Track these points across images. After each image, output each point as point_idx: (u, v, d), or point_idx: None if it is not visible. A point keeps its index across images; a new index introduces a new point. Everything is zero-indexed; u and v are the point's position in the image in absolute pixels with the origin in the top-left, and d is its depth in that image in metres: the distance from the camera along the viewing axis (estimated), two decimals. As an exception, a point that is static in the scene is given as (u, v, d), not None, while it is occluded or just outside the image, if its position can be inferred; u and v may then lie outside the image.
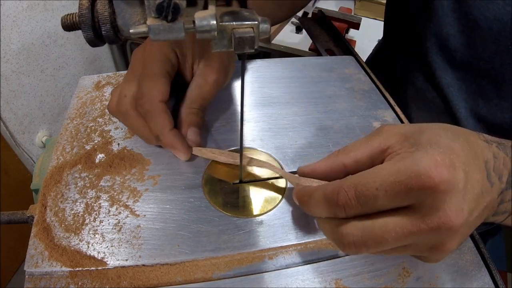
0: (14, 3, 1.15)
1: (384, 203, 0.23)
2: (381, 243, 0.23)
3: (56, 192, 0.34)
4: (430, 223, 0.22)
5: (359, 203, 0.24)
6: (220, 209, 0.33)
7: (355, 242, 0.24)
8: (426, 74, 0.51)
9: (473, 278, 0.31)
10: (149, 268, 0.30)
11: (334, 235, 0.25)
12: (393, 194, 0.23)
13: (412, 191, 0.22)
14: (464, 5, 0.43)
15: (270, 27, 0.24)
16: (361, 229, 0.24)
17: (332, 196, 0.25)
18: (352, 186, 0.24)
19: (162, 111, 0.35)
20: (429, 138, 0.25)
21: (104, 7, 0.24)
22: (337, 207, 0.24)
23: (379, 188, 0.23)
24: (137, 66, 0.37)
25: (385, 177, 0.23)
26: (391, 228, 0.23)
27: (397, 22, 0.57)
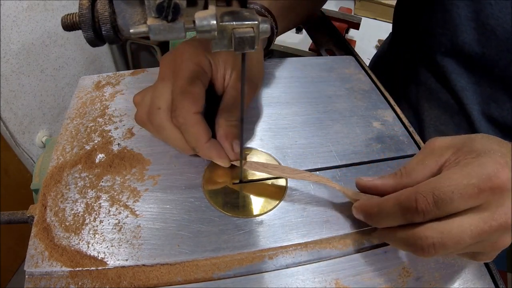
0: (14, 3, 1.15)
1: (459, 205, 0.25)
2: (459, 243, 0.25)
3: (56, 192, 0.34)
4: (498, 219, 0.25)
5: (436, 207, 0.25)
6: (220, 209, 0.33)
7: (434, 244, 0.25)
8: (439, 76, 0.51)
9: (473, 278, 0.31)
10: (149, 268, 0.30)
11: (410, 241, 0.26)
12: (467, 196, 0.24)
13: (484, 192, 0.24)
14: (482, 15, 0.43)
15: (271, 27, 0.24)
16: (440, 231, 0.25)
17: (409, 203, 0.26)
18: (430, 191, 0.25)
19: (197, 123, 0.33)
20: (482, 145, 0.27)
21: (104, 7, 0.24)
22: (415, 213, 0.26)
23: (455, 192, 0.25)
24: (168, 75, 0.35)
25: (458, 181, 0.25)
26: (467, 227, 0.25)
27: (407, 24, 0.57)
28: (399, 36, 0.60)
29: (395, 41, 0.62)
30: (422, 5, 0.51)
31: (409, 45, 0.57)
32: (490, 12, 0.42)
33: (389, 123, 0.43)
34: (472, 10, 0.44)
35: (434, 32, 0.49)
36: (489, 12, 0.42)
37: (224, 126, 0.35)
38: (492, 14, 0.42)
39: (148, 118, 0.35)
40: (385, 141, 0.41)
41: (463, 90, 0.49)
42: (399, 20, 0.60)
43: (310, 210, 0.34)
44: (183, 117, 0.33)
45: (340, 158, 0.38)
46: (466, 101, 0.49)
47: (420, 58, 0.54)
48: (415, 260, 0.31)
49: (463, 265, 0.31)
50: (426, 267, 0.31)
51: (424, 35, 0.51)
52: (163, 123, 0.34)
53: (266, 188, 0.35)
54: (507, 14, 0.41)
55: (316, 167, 0.37)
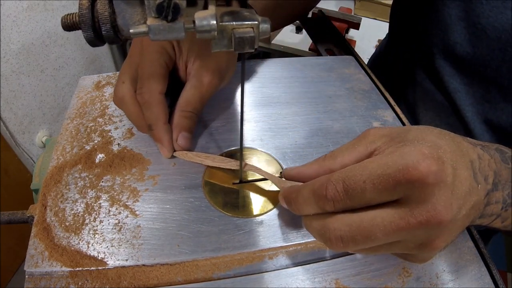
0: (14, 3, 1.15)
1: (372, 197, 0.23)
2: (369, 238, 0.23)
3: (56, 192, 0.34)
4: (419, 216, 0.22)
5: (347, 196, 0.23)
6: (220, 209, 0.33)
7: (342, 237, 0.24)
8: (433, 78, 0.51)
9: (473, 278, 0.31)
10: (149, 268, 0.30)
11: (320, 231, 0.25)
12: (380, 187, 0.23)
13: (400, 184, 0.22)
14: (472, 15, 0.43)
15: (271, 27, 0.24)
16: (348, 224, 0.23)
17: (320, 190, 0.24)
18: (340, 179, 0.24)
19: (160, 103, 0.35)
20: (415, 135, 0.25)
21: (104, 7, 0.24)
22: (326, 201, 0.24)
23: (367, 181, 0.23)
24: (135, 54, 0.38)
25: (373, 170, 0.23)
26: (380, 222, 0.23)
27: (403, 25, 0.57)
28: (396, 37, 0.60)
29: (392, 41, 0.62)
30: (415, 6, 0.51)
31: (404, 46, 0.57)
32: (481, 11, 0.42)
33: (389, 123, 0.43)
34: (462, 10, 0.44)
35: (427, 33, 0.49)
36: (480, 11, 0.42)
37: (177, 116, 0.36)
38: (483, 13, 0.42)
39: (114, 92, 0.37)
40: (385, 141, 0.41)
41: (456, 92, 0.49)
42: (395, 21, 0.60)
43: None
44: (148, 95, 0.35)
45: (340, 158, 0.38)
46: (459, 102, 0.49)
47: (416, 59, 0.54)
48: (415, 260, 0.31)
49: (463, 265, 0.31)
50: (426, 267, 0.31)
51: (418, 36, 0.51)
52: (125, 97, 0.36)
53: (266, 188, 0.35)
54: (498, 13, 0.41)
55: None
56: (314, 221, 0.26)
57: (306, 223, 0.28)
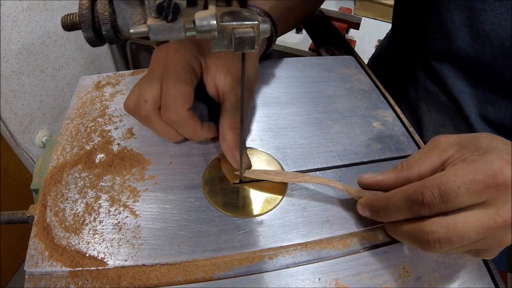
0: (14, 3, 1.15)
1: (464, 201, 0.25)
2: (464, 238, 0.25)
3: (56, 192, 0.34)
4: (504, 216, 0.25)
5: (442, 201, 0.25)
6: (220, 209, 0.33)
7: (440, 239, 0.25)
8: (436, 79, 0.51)
9: (473, 278, 0.31)
10: (149, 268, 0.30)
11: (416, 235, 0.27)
12: (472, 192, 0.25)
13: (489, 188, 0.25)
14: (476, 21, 0.43)
15: (271, 27, 0.24)
16: (445, 226, 0.25)
17: (416, 196, 0.26)
18: (436, 185, 0.25)
19: (189, 119, 0.35)
20: (487, 143, 0.28)
21: (104, 7, 0.24)
22: (422, 206, 0.26)
23: (461, 187, 0.25)
24: (158, 69, 0.36)
25: (465, 176, 0.25)
26: (472, 222, 0.25)
27: (405, 27, 0.57)
28: (398, 37, 0.60)
29: (394, 41, 0.62)
30: (418, 10, 0.51)
31: (407, 47, 0.57)
32: (485, 18, 0.42)
33: (389, 123, 0.43)
34: (466, 16, 0.44)
35: (430, 37, 0.49)
36: (484, 18, 0.42)
37: (232, 136, 0.35)
38: (487, 20, 0.42)
39: (135, 109, 0.36)
40: (385, 141, 0.41)
41: (460, 93, 0.49)
42: (398, 22, 0.60)
43: (310, 210, 0.34)
44: (176, 115, 0.34)
45: (340, 158, 0.38)
46: (463, 104, 0.49)
47: (417, 60, 0.54)
48: (415, 260, 0.31)
49: (463, 265, 0.31)
50: (426, 267, 0.31)
51: (421, 39, 0.51)
52: (149, 116, 0.35)
53: (266, 188, 0.35)
54: (501, 20, 0.41)
55: (316, 167, 0.37)
56: (405, 226, 0.28)
57: (393, 228, 0.30)
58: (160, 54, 0.37)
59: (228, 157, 0.35)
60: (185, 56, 0.36)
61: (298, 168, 0.37)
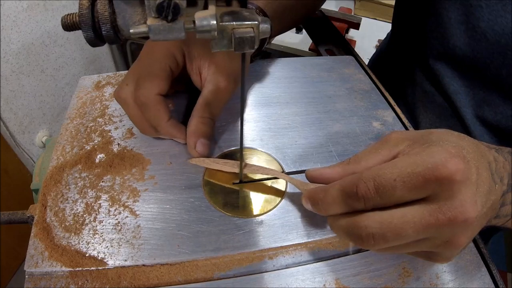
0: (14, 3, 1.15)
1: (402, 194, 0.23)
2: (400, 235, 0.23)
3: (56, 192, 0.34)
4: (447, 212, 0.23)
5: (378, 194, 0.24)
6: (220, 209, 0.33)
7: (373, 235, 0.24)
8: (433, 79, 0.51)
9: (473, 278, 0.31)
10: (149, 268, 0.30)
11: (350, 230, 0.25)
12: (410, 185, 0.23)
13: (429, 182, 0.23)
14: (472, 18, 0.43)
15: (271, 27, 0.24)
16: (379, 221, 0.24)
17: (351, 189, 0.25)
18: (371, 178, 0.24)
19: (157, 103, 0.35)
20: (438, 137, 0.26)
21: (104, 7, 0.24)
22: (356, 199, 0.25)
23: (397, 179, 0.23)
24: (143, 57, 0.37)
25: (403, 169, 0.23)
26: (410, 219, 0.23)
27: (404, 27, 0.57)
28: (398, 38, 0.61)
29: (394, 42, 0.62)
30: (416, 9, 0.51)
31: (406, 46, 0.57)
32: (481, 15, 0.42)
33: (389, 123, 0.43)
34: (462, 13, 0.43)
35: (428, 36, 0.49)
36: (480, 15, 0.42)
37: (194, 122, 0.36)
38: (483, 16, 0.42)
39: (117, 93, 0.36)
40: (385, 141, 0.41)
41: (456, 93, 0.49)
42: (397, 22, 0.60)
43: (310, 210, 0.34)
44: (144, 97, 0.35)
45: (340, 158, 0.38)
46: (459, 104, 0.49)
47: (415, 60, 0.54)
48: (415, 260, 0.31)
49: (463, 265, 0.31)
50: (426, 267, 0.31)
51: (419, 38, 0.51)
52: (127, 99, 0.35)
53: (266, 188, 0.35)
54: (497, 16, 0.41)
55: (316, 167, 0.37)
56: (342, 219, 0.26)
57: (332, 222, 0.28)
58: (149, 43, 0.38)
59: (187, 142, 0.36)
60: (170, 44, 0.37)
61: (298, 168, 0.37)
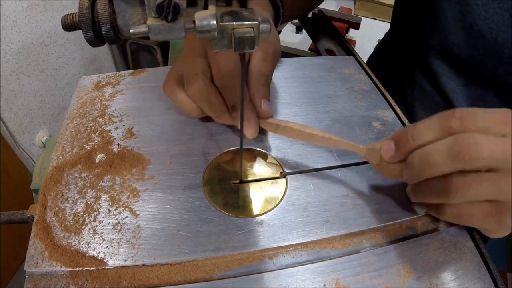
0: (14, 3, 1.15)
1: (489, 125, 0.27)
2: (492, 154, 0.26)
3: (56, 192, 0.34)
4: None
5: (471, 118, 0.27)
6: (220, 209, 0.33)
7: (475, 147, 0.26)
8: (430, 78, 0.51)
9: (473, 278, 0.31)
10: (149, 268, 0.30)
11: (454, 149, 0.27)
12: (498, 121, 0.27)
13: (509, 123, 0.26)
14: (469, 16, 0.43)
15: (271, 27, 0.24)
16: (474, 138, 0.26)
17: (448, 114, 0.28)
18: (463, 109, 0.27)
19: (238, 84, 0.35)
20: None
21: (104, 7, 0.24)
22: (453, 119, 0.27)
23: (485, 112, 0.27)
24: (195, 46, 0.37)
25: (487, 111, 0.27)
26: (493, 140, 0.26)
27: (402, 26, 0.57)
28: (397, 37, 0.61)
29: (393, 41, 0.62)
30: (413, 8, 0.51)
31: (405, 46, 0.57)
32: (477, 13, 0.42)
33: (389, 123, 0.43)
34: (459, 11, 0.44)
35: (425, 34, 0.49)
36: (476, 13, 0.42)
37: (254, 85, 0.36)
38: (479, 15, 0.42)
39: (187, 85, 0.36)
40: (385, 141, 0.41)
41: (453, 92, 0.49)
42: (396, 20, 0.60)
43: (310, 210, 0.34)
44: (228, 78, 0.35)
45: (340, 158, 0.38)
46: (456, 103, 0.49)
47: (413, 59, 0.54)
48: (415, 260, 0.31)
49: (463, 265, 0.31)
50: (426, 267, 0.31)
51: (416, 37, 0.51)
52: (205, 86, 0.35)
53: (266, 188, 0.35)
54: (494, 14, 0.41)
55: (316, 167, 0.37)
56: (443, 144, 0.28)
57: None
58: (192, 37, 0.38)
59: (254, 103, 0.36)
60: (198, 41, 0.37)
61: (298, 168, 0.37)
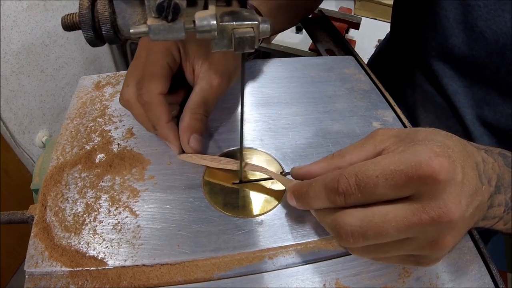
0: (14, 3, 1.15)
1: (384, 192, 0.23)
2: (381, 234, 0.23)
3: (56, 192, 0.34)
4: (430, 212, 0.22)
5: (359, 191, 0.23)
6: (220, 209, 0.33)
7: (353, 233, 0.23)
8: (432, 79, 0.51)
9: (473, 278, 0.31)
10: (149, 268, 0.30)
11: (332, 226, 0.25)
12: (393, 183, 0.23)
13: (412, 180, 0.22)
14: (470, 18, 0.43)
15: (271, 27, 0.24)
16: (360, 219, 0.23)
17: (332, 184, 0.25)
18: (353, 173, 0.24)
19: (159, 104, 0.35)
20: (424, 135, 0.25)
21: (104, 7, 0.24)
22: (337, 195, 0.24)
23: (380, 176, 0.23)
24: (141, 56, 0.37)
25: (386, 166, 0.23)
26: (392, 217, 0.23)
27: (403, 27, 0.57)
28: (397, 38, 0.60)
29: (393, 42, 0.62)
30: (414, 9, 0.51)
31: (405, 47, 0.57)
32: (479, 14, 0.42)
33: (389, 123, 0.43)
34: (460, 13, 0.43)
35: (426, 36, 0.49)
36: (478, 14, 0.42)
37: (187, 118, 0.36)
38: (481, 16, 0.42)
39: (121, 95, 0.37)
40: (385, 141, 0.41)
41: (455, 94, 0.49)
42: (396, 21, 0.60)
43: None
44: (148, 97, 0.35)
45: (340, 158, 0.38)
46: (458, 105, 0.49)
47: (415, 61, 0.54)
48: (415, 260, 0.31)
49: (463, 265, 0.31)
50: (426, 267, 0.31)
51: (416, 38, 0.51)
52: (130, 100, 0.36)
53: (266, 188, 0.35)
54: (495, 16, 0.41)
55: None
56: (326, 215, 0.26)
57: (318, 216, 0.28)
58: (144, 41, 0.38)
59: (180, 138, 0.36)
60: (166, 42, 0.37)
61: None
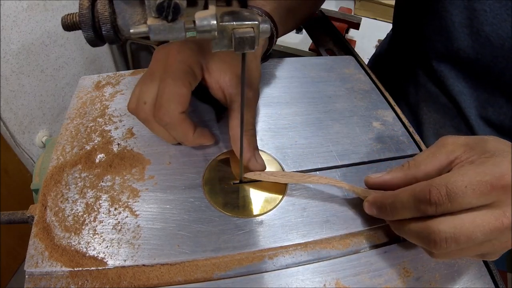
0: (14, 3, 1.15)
1: (471, 201, 0.25)
2: (471, 238, 0.25)
3: (56, 192, 0.34)
4: (510, 217, 0.25)
5: (449, 200, 0.25)
6: (220, 209, 0.33)
7: (447, 239, 0.25)
8: (436, 80, 0.51)
9: (473, 278, 0.31)
10: (149, 268, 0.30)
11: (423, 234, 0.27)
12: (479, 192, 0.25)
13: (496, 190, 0.25)
14: (476, 22, 0.43)
15: (271, 28, 0.24)
16: (453, 226, 0.25)
17: (423, 195, 0.26)
18: (443, 184, 0.26)
19: (182, 121, 0.34)
20: (495, 146, 0.28)
21: (105, 7, 0.24)
22: (428, 205, 0.26)
23: (468, 186, 0.25)
24: (158, 70, 0.35)
25: (472, 177, 0.25)
26: (480, 223, 0.25)
27: (406, 28, 0.57)
28: (399, 38, 0.60)
29: (395, 42, 0.62)
30: (418, 11, 0.51)
31: (408, 47, 0.57)
32: (485, 19, 0.42)
33: (389, 123, 0.43)
34: (466, 17, 0.44)
35: (430, 38, 0.49)
36: (484, 19, 0.42)
37: (247, 138, 0.35)
38: (487, 20, 0.42)
39: (136, 110, 0.36)
40: (385, 141, 0.41)
41: (461, 94, 0.49)
42: (398, 22, 0.60)
43: (310, 210, 0.34)
44: (169, 117, 0.34)
45: (340, 158, 0.38)
46: (463, 105, 0.49)
47: (418, 61, 0.54)
48: (415, 260, 0.31)
49: (463, 265, 0.31)
50: (426, 267, 0.31)
51: (421, 39, 0.51)
52: (148, 118, 0.35)
53: (266, 188, 0.35)
54: (501, 20, 0.41)
55: (316, 167, 0.37)
56: (412, 224, 0.28)
57: (399, 226, 0.30)
58: (162, 54, 0.36)
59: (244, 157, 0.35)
60: (186, 58, 0.35)
61: (298, 168, 0.37)
